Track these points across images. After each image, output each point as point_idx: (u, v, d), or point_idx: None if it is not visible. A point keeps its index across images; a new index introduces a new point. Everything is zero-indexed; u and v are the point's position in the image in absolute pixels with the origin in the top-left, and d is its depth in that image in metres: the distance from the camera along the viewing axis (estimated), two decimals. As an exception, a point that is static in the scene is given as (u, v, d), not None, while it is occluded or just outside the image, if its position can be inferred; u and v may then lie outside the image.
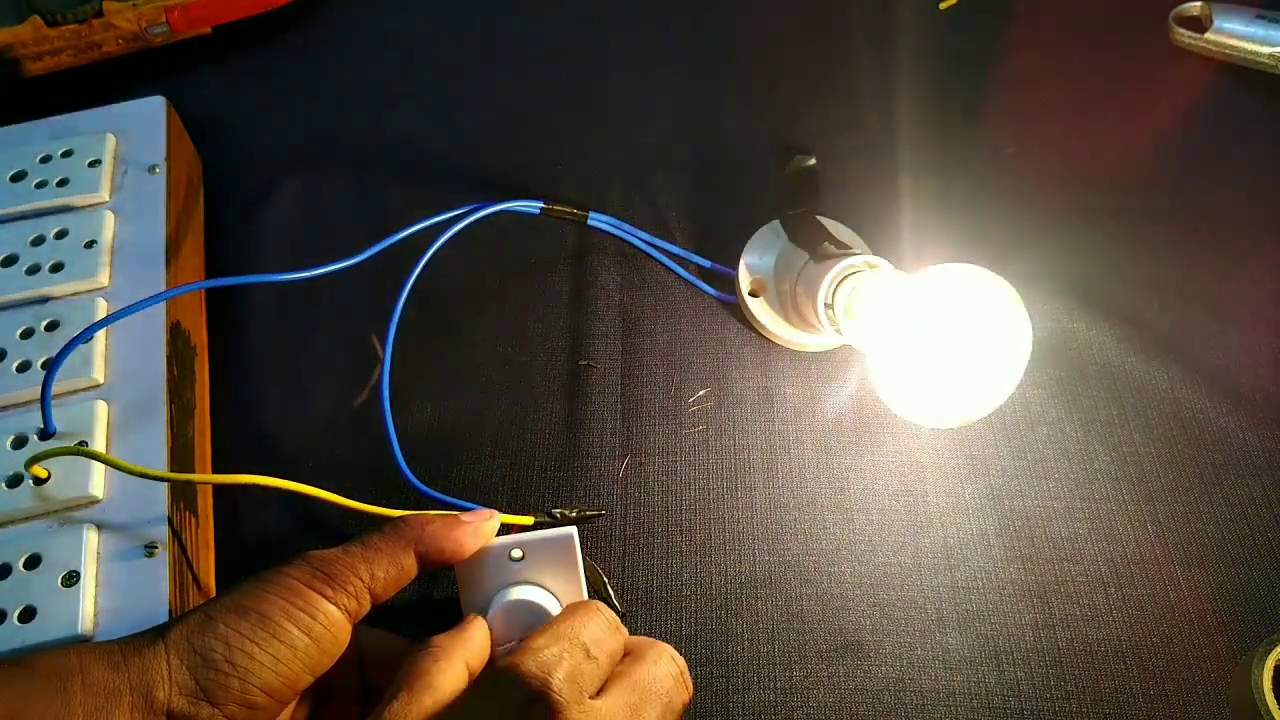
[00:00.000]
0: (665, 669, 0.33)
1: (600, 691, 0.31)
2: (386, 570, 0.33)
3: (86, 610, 0.37)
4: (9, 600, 0.37)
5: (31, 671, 0.29)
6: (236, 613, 0.30)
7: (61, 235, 0.47)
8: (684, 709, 0.33)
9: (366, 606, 0.33)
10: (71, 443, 0.40)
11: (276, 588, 0.31)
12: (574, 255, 0.53)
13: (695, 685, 0.40)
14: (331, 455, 0.47)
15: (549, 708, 0.29)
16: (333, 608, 0.32)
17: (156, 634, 0.30)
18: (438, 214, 0.47)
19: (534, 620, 0.35)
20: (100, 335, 0.44)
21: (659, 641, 0.34)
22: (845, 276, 0.44)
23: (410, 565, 0.34)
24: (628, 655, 0.34)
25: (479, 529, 0.35)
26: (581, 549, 0.37)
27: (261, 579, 0.32)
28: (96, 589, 0.38)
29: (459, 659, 0.32)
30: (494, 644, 0.34)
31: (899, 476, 0.46)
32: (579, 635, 0.32)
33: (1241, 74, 0.59)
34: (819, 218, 0.51)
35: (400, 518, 0.35)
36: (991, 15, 0.63)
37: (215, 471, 0.46)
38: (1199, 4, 0.60)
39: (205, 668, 0.29)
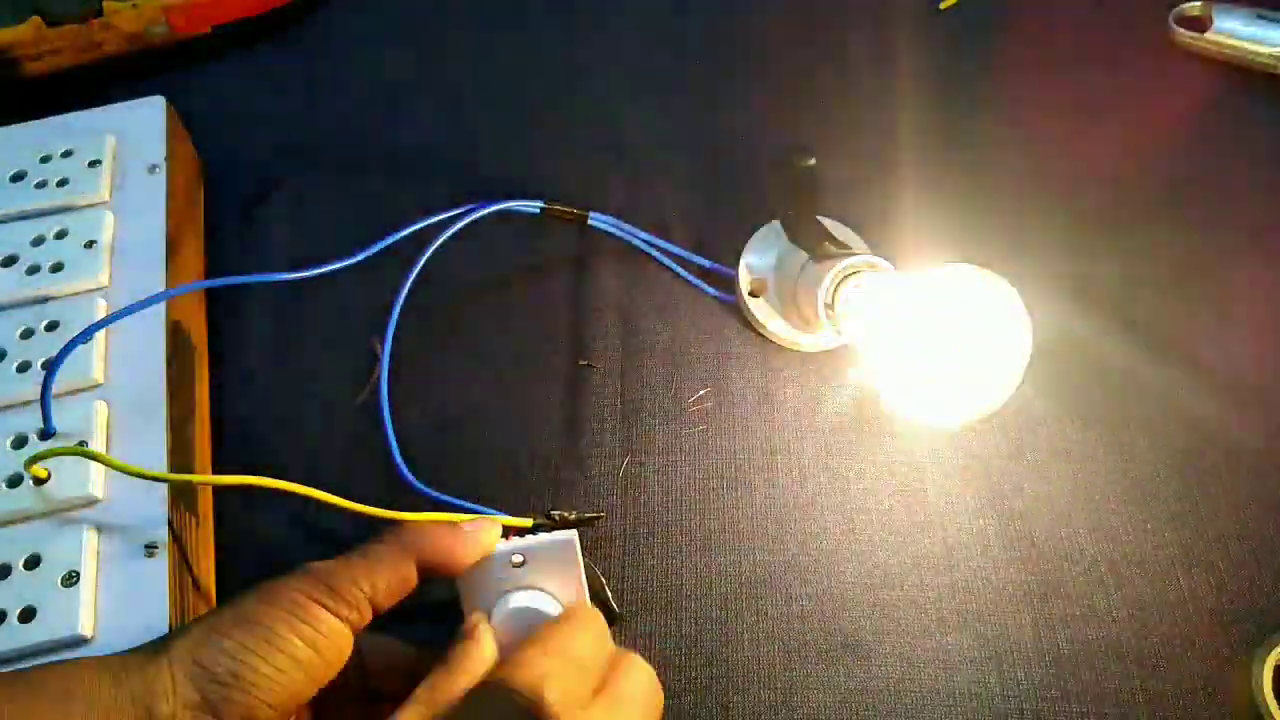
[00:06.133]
0: (642, 678, 0.33)
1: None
2: (388, 580, 0.33)
3: (86, 610, 0.37)
4: (9, 600, 0.37)
5: (32, 686, 0.29)
6: (239, 625, 0.30)
7: (61, 235, 0.47)
8: (660, 714, 0.33)
9: (368, 616, 0.33)
10: (71, 443, 0.40)
11: (279, 600, 0.31)
12: (574, 255, 0.53)
13: (695, 685, 0.41)
14: (331, 455, 0.47)
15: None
16: (335, 619, 0.31)
17: (158, 647, 0.30)
18: (438, 214, 0.47)
19: (537, 625, 0.35)
20: (100, 335, 0.44)
21: (628, 651, 0.34)
22: (845, 276, 0.44)
23: (411, 574, 0.34)
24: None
25: (480, 538, 0.35)
26: (581, 550, 0.37)
27: (263, 591, 0.32)
28: (96, 589, 0.38)
29: (472, 676, 0.32)
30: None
31: (899, 476, 0.46)
32: (571, 647, 0.32)
33: (1241, 74, 0.59)
34: (819, 218, 0.51)
35: (401, 525, 0.35)
36: (991, 15, 0.63)
37: (215, 471, 0.46)
38: (1199, 4, 0.60)
39: (209, 681, 0.29)
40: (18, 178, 0.49)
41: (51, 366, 0.40)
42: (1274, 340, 0.49)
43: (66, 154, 0.50)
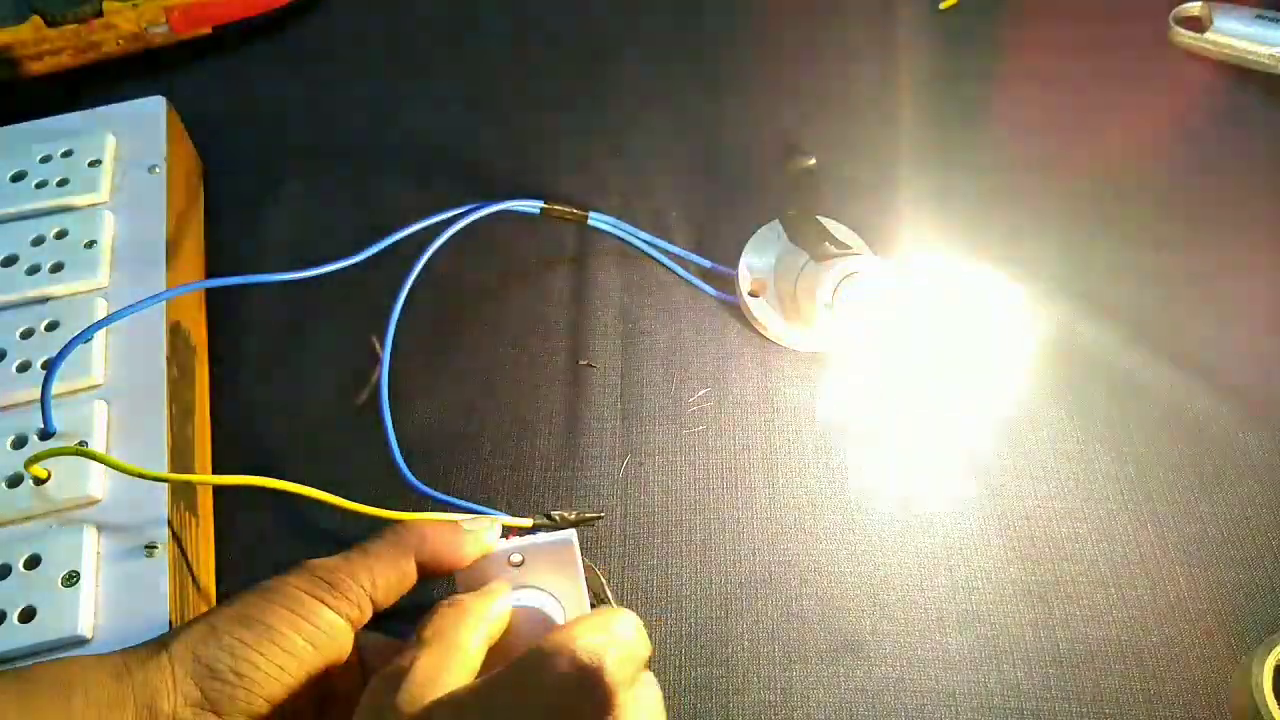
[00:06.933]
0: (656, 693, 0.32)
1: None
2: (387, 577, 0.33)
3: (86, 610, 0.37)
4: (9, 600, 0.37)
5: (34, 683, 0.29)
6: (240, 622, 0.30)
7: (61, 235, 0.47)
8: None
9: (368, 614, 0.33)
10: (71, 443, 0.40)
11: (279, 597, 0.31)
12: (574, 255, 0.53)
13: (695, 685, 0.41)
14: (331, 455, 0.47)
15: (604, 690, 0.28)
16: (335, 616, 0.32)
17: (159, 644, 0.30)
18: (438, 214, 0.47)
19: (536, 624, 0.35)
20: (100, 335, 0.44)
21: (615, 611, 0.33)
22: (845, 276, 0.44)
23: (411, 572, 0.34)
24: None
25: (480, 537, 0.35)
26: (581, 550, 0.37)
27: (263, 588, 0.32)
28: (97, 589, 0.38)
29: (483, 622, 0.32)
30: None
31: (898, 476, 0.46)
32: (621, 631, 0.32)
33: (1241, 74, 0.59)
34: (819, 218, 0.51)
35: (401, 524, 0.35)
36: (991, 14, 0.63)
37: (215, 471, 0.46)
38: (1199, 4, 0.60)
39: (210, 678, 0.29)
40: (18, 178, 0.49)
41: (51, 366, 0.40)
42: (1274, 340, 0.49)
43: (66, 154, 0.50)
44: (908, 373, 0.41)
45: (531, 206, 0.50)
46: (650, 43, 0.63)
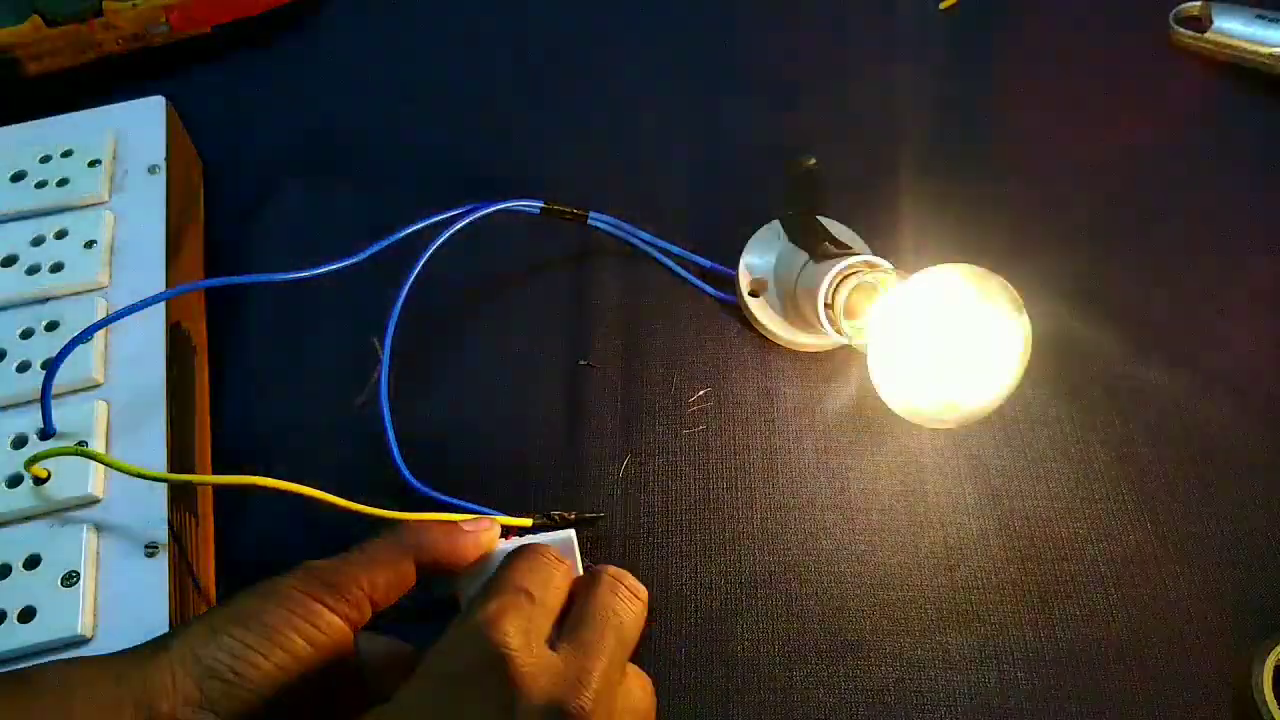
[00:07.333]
0: (605, 590, 0.33)
1: (556, 636, 0.32)
2: (387, 578, 0.33)
3: (86, 610, 0.37)
4: (9, 600, 0.37)
5: (33, 685, 0.29)
6: (239, 623, 0.30)
7: (61, 235, 0.47)
8: (639, 620, 0.33)
9: (367, 614, 0.33)
10: (71, 443, 0.40)
11: (278, 598, 0.31)
12: (574, 255, 0.53)
13: (695, 685, 0.41)
14: (331, 455, 0.47)
15: (502, 662, 0.29)
16: (334, 617, 0.32)
17: (159, 645, 0.30)
18: (437, 213, 0.47)
19: None
20: (100, 335, 0.44)
21: (597, 566, 0.34)
22: (845, 276, 0.44)
23: (410, 573, 0.34)
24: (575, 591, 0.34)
25: (479, 537, 0.36)
26: (581, 550, 0.37)
27: (262, 589, 0.32)
28: (96, 589, 0.38)
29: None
30: None
31: (899, 476, 0.46)
32: (520, 582, 0.32)
33: (1241, 74, 0.59)
34: (819, 218, 0.51)
35: (400, 524, 0.35)
36: (991, 15, 0.63)
37: (215, 471, 0.46)
38: (1199, 4, 0.60)
39: (210, 678, 0.29)
40: (18, 178, 0.49)
41: (51, 366, 0.40)
42: (1274, 340, 0.49)
43: (66, 154, 0.50)
44: (908, 373, 0.41)
45: (531, 206, 0.50)
46: (650, 42, 0.63)
